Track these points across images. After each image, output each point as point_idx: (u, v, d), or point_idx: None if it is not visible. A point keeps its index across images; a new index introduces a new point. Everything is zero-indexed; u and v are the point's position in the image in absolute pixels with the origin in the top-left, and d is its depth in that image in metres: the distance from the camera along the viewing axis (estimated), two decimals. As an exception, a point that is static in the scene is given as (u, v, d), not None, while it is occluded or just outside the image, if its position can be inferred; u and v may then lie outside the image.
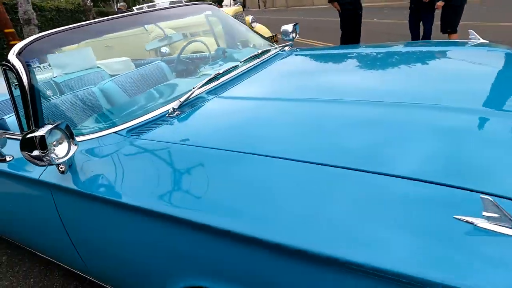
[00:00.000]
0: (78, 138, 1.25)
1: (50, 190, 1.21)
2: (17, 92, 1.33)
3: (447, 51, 1.74)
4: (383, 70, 1.60)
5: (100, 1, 38.73)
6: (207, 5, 2.50)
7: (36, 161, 1.01)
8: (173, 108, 1.32)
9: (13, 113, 1.38)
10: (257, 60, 1.89)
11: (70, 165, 1.16)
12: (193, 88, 1.41)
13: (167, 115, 1.32)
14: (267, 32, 5.94)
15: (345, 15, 5.79)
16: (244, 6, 52.82)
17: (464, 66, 1.49)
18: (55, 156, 1.02)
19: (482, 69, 1.43)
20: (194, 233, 0.87)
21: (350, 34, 5.96)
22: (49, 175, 1.19)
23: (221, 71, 1.61)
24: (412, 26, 5.30)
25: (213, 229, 0.81)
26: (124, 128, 1.27)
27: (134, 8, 6.83)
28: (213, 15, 2.52)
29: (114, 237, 1.10)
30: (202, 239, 0.86)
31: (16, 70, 1.30)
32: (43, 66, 1.85)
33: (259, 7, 51.74)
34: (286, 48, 2.20)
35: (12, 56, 1.34)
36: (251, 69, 1.77)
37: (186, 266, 0.93)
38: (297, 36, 2.58)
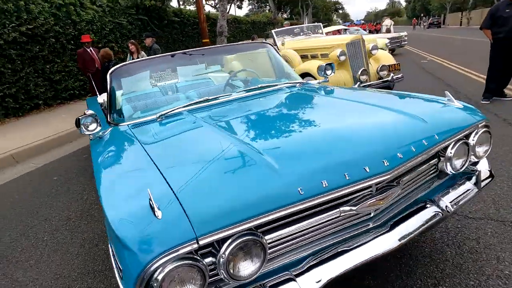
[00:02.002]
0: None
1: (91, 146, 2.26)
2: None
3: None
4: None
5: (294, 14, 43.42)
6: (266, 44, 3.20)
7: (78, 130, 2.04)
8: (157, 116, 2.15)
9: None
10: (257, 91, 2.46)
11: (101, 137, 2.16)
12: (177, 107, 2.19)
13: (156, 119, 2.16)
14: (388, 60, 5.89)
15: (497, 46, 5.05)
16: (441, 23, 46.77)
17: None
18: (84, 130, 2.03)
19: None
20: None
21: (499, 69, 5.15)
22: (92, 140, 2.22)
23: (210, 97, 2.32)
24: None
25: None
26: (133, 123, 2.20)
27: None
28: (268, 50, 3.18)
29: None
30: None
31: (107, 81, 2.44)
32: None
33: (460, 25, 45.47)
34: (298, 85, 2.64)
35: (108, 74, 2.49)
36: (242, 97, 2.37)
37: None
38: (332, 73, 2.93)
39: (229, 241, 1.10)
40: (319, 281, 1.25)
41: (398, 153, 1.35)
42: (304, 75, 5.54)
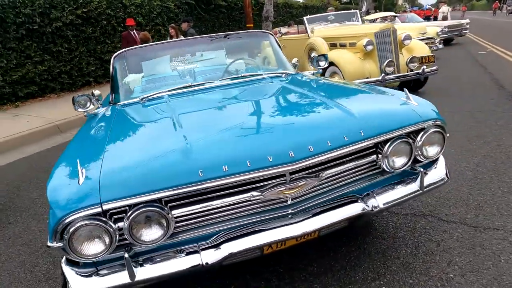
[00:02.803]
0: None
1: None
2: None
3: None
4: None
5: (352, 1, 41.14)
6: (267, 34, 3.29)
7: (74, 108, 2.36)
8: (140, 98, 2.38)
9: None
10: (240, 80, 2.57)
11: (95, 114, 2.46)
12: (159, 91, 2.41)
13: (139, 101, 2.40)
14: (421, 51, 5.53)
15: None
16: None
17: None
18: (78, 107, 2.33)
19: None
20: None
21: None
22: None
23: (194, 83, 2.49)
24: None
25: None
26: (122, 104, 2.46)
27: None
28: (270, 40, 3.24)
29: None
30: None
31: (110, 64, 2.75)
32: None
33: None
34: (283, 75, 2.69)
35: (112, 58, 2.79)
36: (223, 85, 2.51)
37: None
38: (325, 64, 2.93)
39: (134, 209, 1.29)
40: (226, 254, 1.40)
41: (309, 146, 1.41)
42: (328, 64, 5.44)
